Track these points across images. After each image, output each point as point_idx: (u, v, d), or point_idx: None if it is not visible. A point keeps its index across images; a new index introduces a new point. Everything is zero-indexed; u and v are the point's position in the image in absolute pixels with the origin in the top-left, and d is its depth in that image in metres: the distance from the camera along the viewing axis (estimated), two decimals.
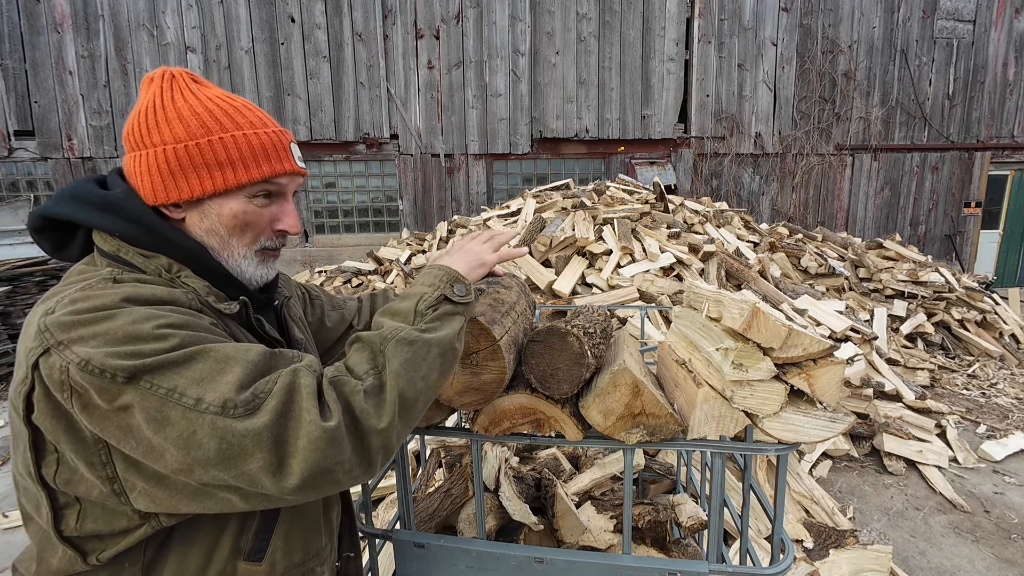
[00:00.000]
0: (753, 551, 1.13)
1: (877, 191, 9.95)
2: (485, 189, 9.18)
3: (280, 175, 0.82)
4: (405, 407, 0.71)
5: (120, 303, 0.66)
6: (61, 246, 0.81)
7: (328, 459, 0.63)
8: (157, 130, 0.76)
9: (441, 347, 0.77)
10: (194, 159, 0.76)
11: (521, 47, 8.85)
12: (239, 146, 0.78)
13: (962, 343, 5.44)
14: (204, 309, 0.76)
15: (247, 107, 0.82)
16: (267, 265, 0.87)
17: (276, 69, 8.48)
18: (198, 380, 0.63)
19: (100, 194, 0.77)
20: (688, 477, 1.88)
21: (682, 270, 4.61)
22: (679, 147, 9.45)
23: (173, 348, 0.64)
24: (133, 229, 0.76)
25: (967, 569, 2.54)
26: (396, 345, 0.73)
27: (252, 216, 0.81)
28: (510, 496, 1.40)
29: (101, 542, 0.71)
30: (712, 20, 9.14)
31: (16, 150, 8.14)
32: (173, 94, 0.78)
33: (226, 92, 0.84)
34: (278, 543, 0.82)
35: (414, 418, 0.74)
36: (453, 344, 0.79)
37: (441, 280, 0.84)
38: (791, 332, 0.83)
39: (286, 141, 0.84)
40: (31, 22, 7.92)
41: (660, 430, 0.94)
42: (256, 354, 0.68)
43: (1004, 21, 9.60)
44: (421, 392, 0.74)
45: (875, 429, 3.52)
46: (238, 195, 0.80)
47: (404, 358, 0.73)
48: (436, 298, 0.81)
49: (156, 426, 0.62)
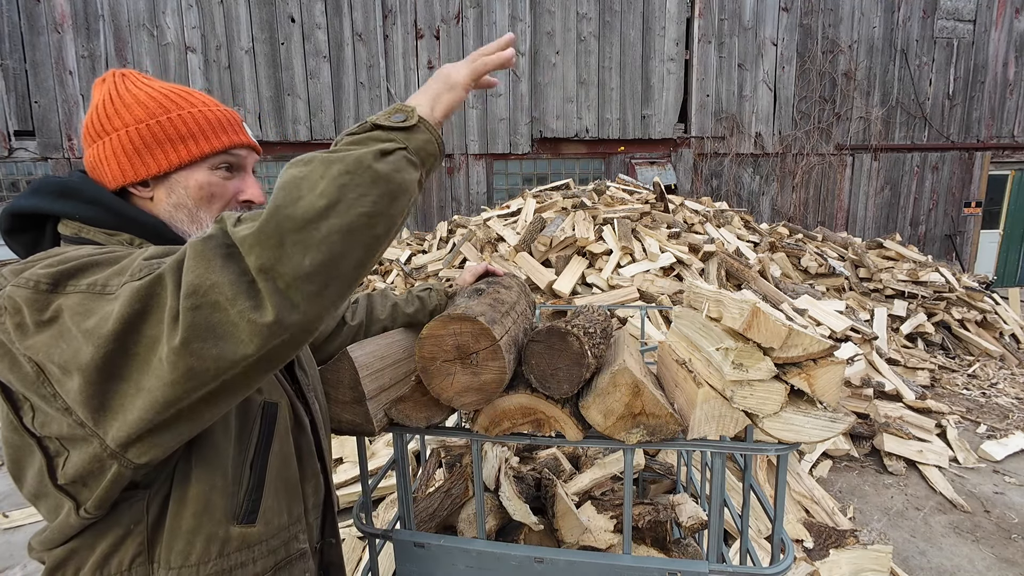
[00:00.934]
0: (753, 551, 1.13)
1: (877, 191, 9.95)
2: (485, 189, 9.18)
3: (238, 146, 0.87)
4: (293, 226, 0.60)
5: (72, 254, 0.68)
6: (33, 247, 0.82)
7: (198, 276, 0.58)
8: (117, 116, 0.81)
9: (346, 164, 0.64)
10: (156, 135, 0.80)
11: (521, 47, 8.85)
12: (197, 120, 0.83)
13: (962, 343, 5.44)
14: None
15: (196, 93, 0.87)
16: None
17: (276, 69, 8.48)
18: (117, 272, 0.63)
19: (58, 181, 0.81)
20: (688, 477, 1.88)
21: (682, 270, 4.61)
22: (679, 147, 9.45)
23: (95, 256, 0.65)
24: (92, 210, 0.79)
25: (967, 569, 2.55)
26: (291, 165, 0.65)
27: (217, 187, 0.85)
28: (510, 496, 1.40)
29: (87, 488, 0.71)
30: (712, 20, 9.14)
31: (16, 150, 8.14)
32: (127, 85, 0.84)
33: (173, 83, 0.89)
34: (269, 502, 0.82)
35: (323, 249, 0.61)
36: (368, 163, 0.65)
37: (381, 112, 0.75)
38: (791, 332, 0.83)
39: (237, 119, 0.89)
40: (31, 22, 7.92)
41: (660, 430, 0.94)
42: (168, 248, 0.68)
43: (1004, 21, 9.60)
44: (320, 213, 0.61)
45: (875, 429, 3.53)
46: (201, 166, 0.84)
47: (287, 176, 0.64)
48: (360, 126, 0.73)
49: (80, 319, 0.61)
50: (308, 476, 0.93)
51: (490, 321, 0.93)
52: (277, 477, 0.84)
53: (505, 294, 1.18)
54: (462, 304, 1.04)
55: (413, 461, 2.86)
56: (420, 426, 1.06)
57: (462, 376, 0.94)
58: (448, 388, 0.95)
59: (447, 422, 1.09)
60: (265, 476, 0.82)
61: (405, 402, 1.07)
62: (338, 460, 3.17)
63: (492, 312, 0.98)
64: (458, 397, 0.96)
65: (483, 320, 0.91)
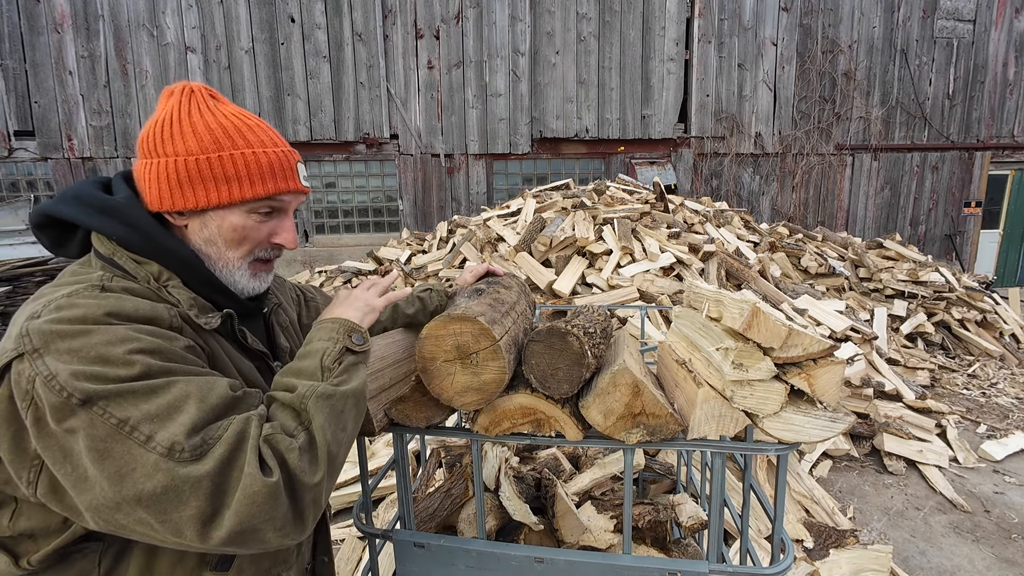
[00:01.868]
0: (753, 551, 1.13)
1: (877, 191, 9.95)
2: (485, 189, 9.18)
3: (283, 193, 0.86)
4: (332, 461, 0.72)
5: (102, 317, 0.67)
6: (60, 243, 0.82)
7: (262, 515, 0.63)
8: (172, 142, 0.79)
9: (355, 397, 0.79)
10: (203, 172, 0.79)
11: (521, 47, 8.85)
12: (247, 163, 0.81)
13: (962, 343, 5.44)
14: (184, 326, 0.76)
15: (260, 126, 0.85)
16: (259, 278, 0.90)
17: (276, 69, 8.48)
18: (152, 416, 0.62)
19: (102, 198, 0.79)
20: (688, 477, 1.88)
21: (682, 270, 4.61)
22: (679, 147, 9.45)
23: (137, 377, 0.64)
24: (130, 234, 0.78)
25: (967, 569, 2.54)
26: (316, 401, 0.73)
27: (251, 230, 0.85)
28: (510, 496, 1.40)
29: (34, 543, 0.70)
30: (712, 20, 9.14)
31: (16, 150, 8.14)
32: (191, 108, 0.81)
33: (242, 110, 0.87)
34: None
35: (338, 470, 0.76)
36: (363, 393, 0.82)
37: (338, 332, 0.84)
38: (791, 332, 0.83)
39: (293, 161, 0.87)
40: (31, 22, 7.92)
41: (660, 430, 0.94)
42: (217, 396, 0.68)
43: (1004, 21, 9.60)
44: (343, 444, 0.76)
45: (875, 429, 3.52)
46: (239, 209, 0.83)
47: (326, 413, 0.73)
48: (339, 351, 0.82)
49: (97, 456, 0.60)
50: None
51: (490, 321, 0.93)
52: None
53: (505, 294, 1.18)
54: (462, 304, 1.04)
55: (413, 461, 2.86)
56: (420, 426, 1.06)
57: (462, 376, 0.94)
58: (448, 388, 0.95)
59: (447, 422, 1.09)
60: None
61: (405, 402, 1.07)
62: None
63: (492, 312, 0.98)
64: (458, 397, 0.96)
65: (483, 320, 0.91)
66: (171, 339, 0.71)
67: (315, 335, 0.85)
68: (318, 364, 0.79)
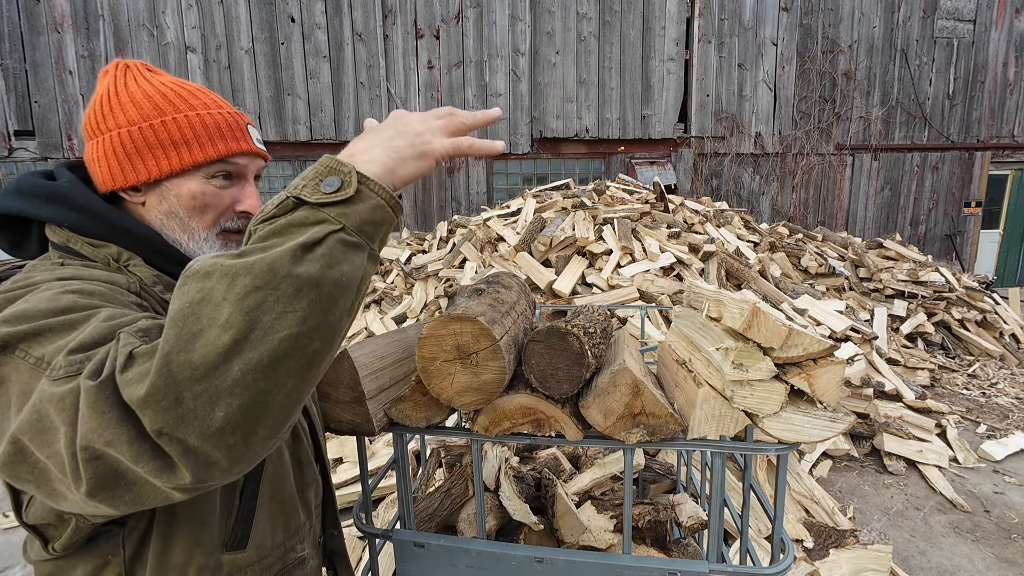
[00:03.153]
0: (753, 551, 1.13)
1: (877, 191, 9.95)
2: (485, 189, 9.18)
3: (236, 154, 0.81)
4: (192, 375, 0.47)
5: (54, 282, 0.63)
6: (18, 244, 0.80)
7: (96, 434, 0.47)
8: (112, 115, 0.77)
9: (254, 275, 0.50)
10: (148, 140, 0.76)
11: (521, 47, 8.85)
12: (192, 125, 0.77)
13: (962, 343, 5.44)
14: (143, 295, 0.72)
15: (200, 91, 0.82)
16: (230, 248, 0.82)
17: (276, 69, 8.48)
18: (64, 348, 0.54)
19: (45, 185, 0.76)
20: (688, 477, 1.88)
21: (682, 270, 4.61)
22: (679, 147, 9.45)
23: (60, 311, 0.57)
24: (80, 218, 0.74)
25: (967, 569, 2.55)
26: (178, 289, 0.52)
27: (211, 197, 0.80)
28: (510, 496, 1.40)
29: (56, 529, 0.68)
30: (712, 20, 9.14)
31: (16, 150, 8.14)
32: (127, 81, 0.79)
33: (179, 79, 0.83)
34: (261, 526, 0.79)
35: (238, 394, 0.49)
36: (286, 270, 0.51)
37: (308, 176, 0.59)
38: (791, 332, 0.83)
39: (242, 122, 0.83)
40: (31, 22, 7.92)
41: (660, 430, 0.94)
42: (132, 319, 0.57)
43: (1004, 21, 9.61)
44: (227, 351, 0.48)
45: (875, 429, 3.53)
46: (195, 175, 0.79)
47: (179, 303, 0.51)
48: (279, 204, 0.57)
49: (24, 399, 0.53)
50: (308, 483, 0.93)
51: (490, 321, 0.93)
52: (271, 500, 0.82)
53: (505, 294, 1.18)
54: (462, 304, 1.04)
55: (413, 461, 2.86)
56: (420, 426, 1.06)
57: (462, 376, 0.94)
58: (448, 388, 0.95)
59: (447, 422, 1.09)
60: (256, 503, 0.79)
61: (405, 402, 1.07)
62: (338, 460, 3.17)
63: (492, 312, 0.98)
64: (458, 397, 0.96)
65: (483, 320, 0.91)
66: (121, 294, 0.66)
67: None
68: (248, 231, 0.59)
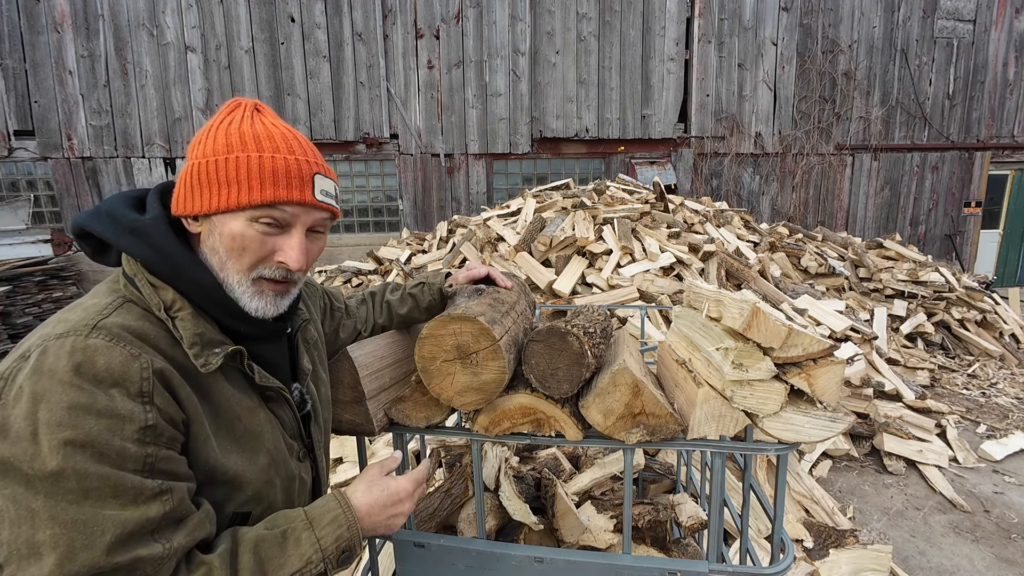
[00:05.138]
0: (753, 551, 1.13)
1: (877, 191, 9.95)
2: (485, 189, 9.18)
3: (285, 202, 0.78)
4: None
5: (68, 375, 0.66)
6: (100, 252, 0.83)
7: None
8: (199, 146, 0.80)
9: None
10: (209, 175, 0.77)
11: (521, 47, 8.85)
12: (250, 166, 0.77)
13: (962, 343, 5.44)
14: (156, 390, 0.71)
15: (284, 136, 0.81)
16: (264, 298, 0.82)
17: (276, 69, 8.48)
18: (14, 544, 0.61)
19: (131, 218, 0.79)
20: (688, 477, 1.88)
21: (682, 270, 4.61)
22: (679, 147, 9.45)
23: (48, 475, 0.62)
24: (153, 256, 0.77)
25: (967, 569, 2.55)
26: None
27: (250, 241, 0.79)
28: (510, 496, 1.40)
29: None
30: (712, 20, 9.14)
31: (16, 150, 8.14)
32: (229, 117, 0.81)
33: (285, 124, 0.83)
34: None
35: None
36: None
37: (339, 547, 0.79)
38: (791, 332, 0.83)
39: (308, 172, 0.80)
40: (31, 22, 7.92)
41: (660, 430, 0.94)
42: (82, 562, 0.62)
43: (1004, 21, 9.60)
44: None
45: (875, 429, 3.53)
46: (240, 216, 0.78)
47: None
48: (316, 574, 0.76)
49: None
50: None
51: (490, 321, 0.93)
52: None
53: (505, 294, 1.18)
54: (462, 304, 1.04)
55: (413, 461, 2.86)
56: (420, 426, 1.06)
57: (462, 376, 0.94)
58: (448, 388, 0.95)
59: (447, 422, 1.09)
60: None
61: (405, 402, 1.07)
62: (338, 460, 3.16)
63: (492, 312, 0.98)
64: (458, 397, 0.96)
65: (483, 320, 0.91)
66: (122, 421, 0.67)
67: (323, 522, 0.80)
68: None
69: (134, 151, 8.43)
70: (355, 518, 0.81)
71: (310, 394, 0.97)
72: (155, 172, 8.50)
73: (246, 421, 0.82)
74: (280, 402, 0.88)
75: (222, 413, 0.79)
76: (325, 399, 1.02)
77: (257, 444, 0.83)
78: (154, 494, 0.67)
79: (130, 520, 0.64)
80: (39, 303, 6.65)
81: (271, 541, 0.74)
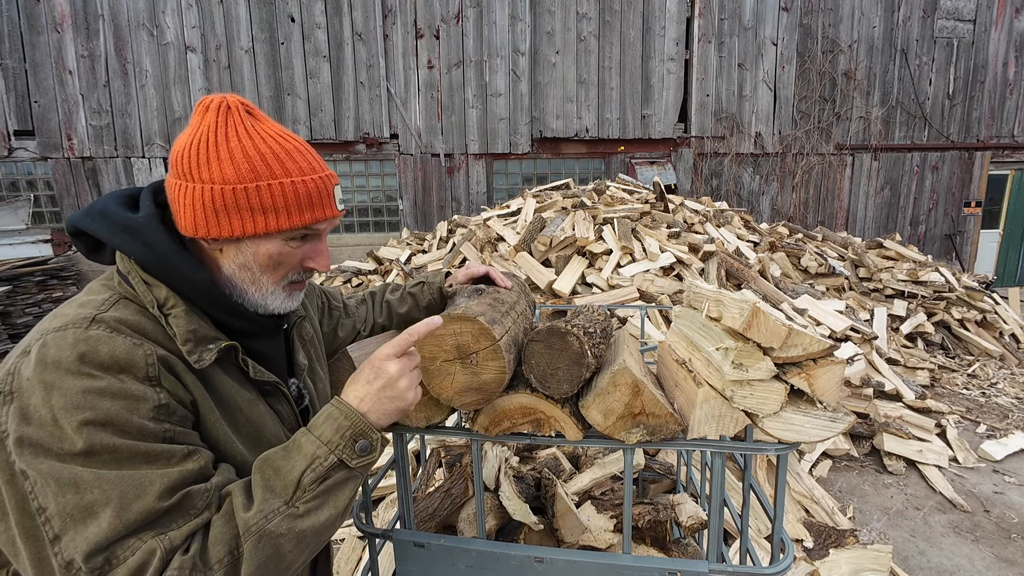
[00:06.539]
0: (753, 551, 1.13)
1: (877, 191, 9.95)
2: (485, 189, 9.18)
3: (320, 221, 0.84)
4: None
5: (74, 363, 0.67)
6: (94, 250, 0.84)
7: None
8: (208, 167, 0.77)
9: (317, 533, 0.73)
10: (239, 202, 0.77)
11: (521, 47, 8.85)
12: (285, 194, 0.79)
13: (962, 343, 5.44)
14: (162, 374, 0.73)
15: (299, 151, 0.82)
16: (293, 297, 0.89)
17: (276, 69, 8.48)
18: (67, 513, 0.63)
19: (124, 216, 0.80)
20: (688, 477, 1.88)
21: (682, 270, 4.61)
22: (679, 147, 9.45)
23: (78, 453, 0.64)
24: (146, 253, 0.78)
25: (967, 568, 2.55)
26: (259, 542, 0.68)
27: (286, 256, 0.84)
28: (510, 496, 1.40)
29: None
30: (712, 20, 9.14)
31: (16, 150, 8.14)
32: (227, 131, 0.78)
33: (281, 129, 0.84)
34: None
35: None
36: (332, 523, 0.75)
37: (343, 436, 0.76)
38: (791, 332, 0.83)
39: (331, 187, 0.85)
40: (31, 22, 7.92)
41: (660, 430, 0.94)
42: (138, 510, 0.65)
43: (1004, 21, 9.60)
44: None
45: (875, 429, 3.53)
46: (276, 238, 0.82)
47: (263, 559, 0.68)
48: (328, 467, 0.74)
49: (22, 531, 0.63)
50: None
51: (490, 321, 0.93)
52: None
53: (505, 294, 1.18)
54: (462, 304, 1.04)
55: (413, 461, 2.86)
56: (420, 426, 1.06)
57: (462, 376, 0.94)
58: (448, 388, 0.95)
59: (447, 422, 1.09)
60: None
61: None
62: None
63: (492, 312, 0.98)
64: (458, 397, 0.96)
65: (483, 320, 0.91)
66: (136, 401, 0.69)
67: (319, 424, 0.77)
68: (296, 479, 0.72)
69: (134, 151, 8.43)
70: (350, 408, 0.78)
71: (307, 389, 0.99)
72: (155, 172, 8.50)
73: (247, 412, 0.84)
74: (277, 396, 0.90)
75: (225, 404, 0.81)
76: (323, 394, 1.04)
77: (258, 435, 0.84)
78: (184, 455, 0.71)
79: (172, 473, 0.68)
80: (39, 303, 6.65)
81: (276, 455, 0.76)
